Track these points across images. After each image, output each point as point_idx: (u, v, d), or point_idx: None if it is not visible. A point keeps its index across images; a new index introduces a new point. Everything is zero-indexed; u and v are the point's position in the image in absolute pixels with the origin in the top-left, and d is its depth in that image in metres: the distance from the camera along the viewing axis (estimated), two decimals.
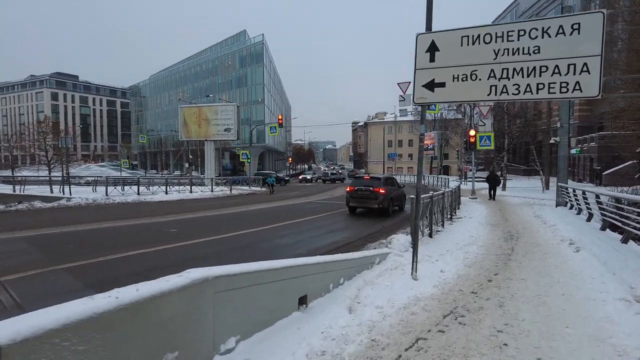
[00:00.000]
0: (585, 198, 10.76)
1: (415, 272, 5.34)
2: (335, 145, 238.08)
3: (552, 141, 23.30)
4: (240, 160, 31.70)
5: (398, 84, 20.27)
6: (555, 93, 4.35)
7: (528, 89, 4.45)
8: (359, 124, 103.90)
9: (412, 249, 6.04)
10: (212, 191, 23.38)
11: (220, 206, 16.79)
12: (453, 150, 51.57)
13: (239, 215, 14.04)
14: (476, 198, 19.71)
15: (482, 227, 10.36)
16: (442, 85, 4.88)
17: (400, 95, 20.34)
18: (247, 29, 70.87)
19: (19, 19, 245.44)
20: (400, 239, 7.13)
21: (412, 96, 5.37)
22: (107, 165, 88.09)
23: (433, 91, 4.94)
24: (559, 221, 10.46)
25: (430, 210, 8.57)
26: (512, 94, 4.54)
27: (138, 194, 19.83)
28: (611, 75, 16.99)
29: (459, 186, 16.22)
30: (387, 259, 6.19)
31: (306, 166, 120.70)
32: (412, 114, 75.41)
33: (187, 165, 39.97)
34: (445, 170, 68.25)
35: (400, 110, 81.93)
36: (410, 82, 21.54)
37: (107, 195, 18.13)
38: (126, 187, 20.55)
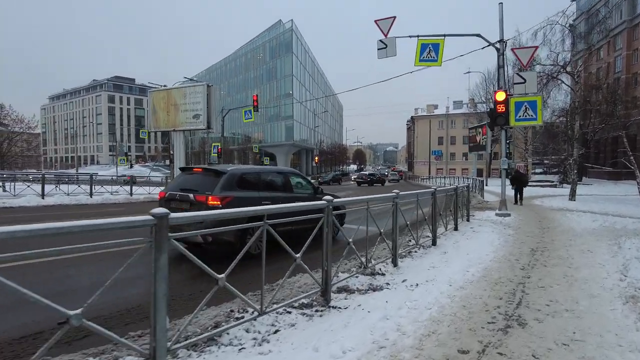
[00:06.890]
0: None
1: None
2: (397, 147, 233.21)
3: None
4: (211, 154, 25.33)
5: (375, 21, 12.48)
6: None
7: None
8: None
9: None
10: (131, 194, 17.02)
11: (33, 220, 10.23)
12: (516, 148, 40.53)
13: None
14: (508, 214, 11.03)
15: None
16: None
17: (380, 40, 12.38)
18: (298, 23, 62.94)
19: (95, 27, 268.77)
20: None
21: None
22: (149, 165, 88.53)
23: None
24: None
25: None
26: None
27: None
28: None
29: (433, 198, 7.83)
30: None
31: (354, 167, 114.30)
32: (467, 105, 63.84)
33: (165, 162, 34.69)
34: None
35: (454, 102, 70.81)
36: (394, 18, 13.46)
37: None
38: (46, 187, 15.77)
